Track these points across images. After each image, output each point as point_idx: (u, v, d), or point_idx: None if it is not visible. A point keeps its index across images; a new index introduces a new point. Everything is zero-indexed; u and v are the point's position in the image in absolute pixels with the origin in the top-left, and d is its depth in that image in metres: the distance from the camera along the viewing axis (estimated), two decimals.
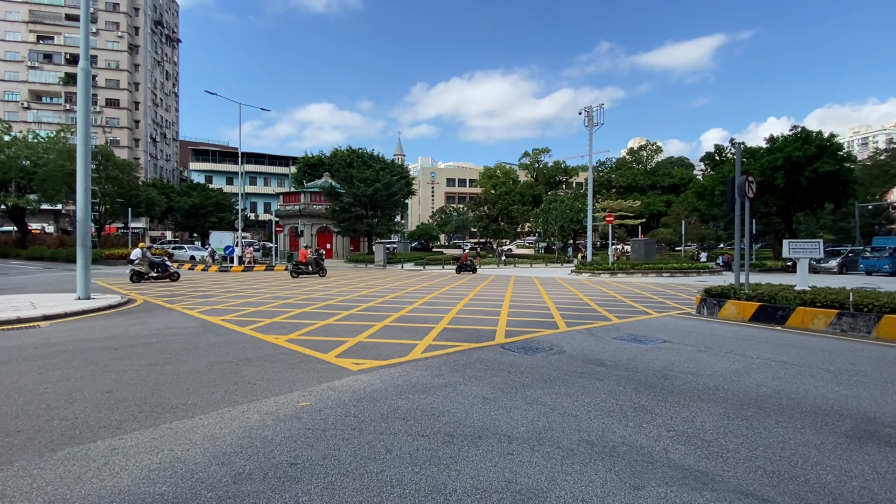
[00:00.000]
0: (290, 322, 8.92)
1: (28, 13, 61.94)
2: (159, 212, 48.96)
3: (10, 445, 3.37)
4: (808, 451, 3.37)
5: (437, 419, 3.92)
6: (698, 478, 2.97)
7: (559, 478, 2.96)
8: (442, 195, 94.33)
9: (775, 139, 32.36)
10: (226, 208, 56.01)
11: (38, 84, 61.73)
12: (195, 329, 8.21)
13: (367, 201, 38.03)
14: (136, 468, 3.04)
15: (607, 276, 24.03)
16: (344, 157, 54.91)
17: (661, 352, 6.57)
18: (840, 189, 30.09)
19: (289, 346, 6.76)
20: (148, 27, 68.92)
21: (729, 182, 10.73)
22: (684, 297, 13.89)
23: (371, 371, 5.43)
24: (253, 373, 5.36)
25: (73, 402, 4.31)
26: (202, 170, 76.08)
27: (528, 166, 70.18)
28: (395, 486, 2.83)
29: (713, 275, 25.20)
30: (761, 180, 27.53)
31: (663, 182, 64.67)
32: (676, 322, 9.33)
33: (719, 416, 4.04)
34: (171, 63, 79.59)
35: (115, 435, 3.57)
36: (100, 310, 10.42)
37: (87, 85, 11.44)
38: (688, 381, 5.10)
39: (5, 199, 34.28)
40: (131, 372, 5.37)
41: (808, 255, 10.88)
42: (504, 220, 61.76)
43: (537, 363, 5.86)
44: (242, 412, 4.08)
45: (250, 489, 2.79)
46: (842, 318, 8.20)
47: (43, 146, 34.55)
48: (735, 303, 9.76)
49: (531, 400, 4.43)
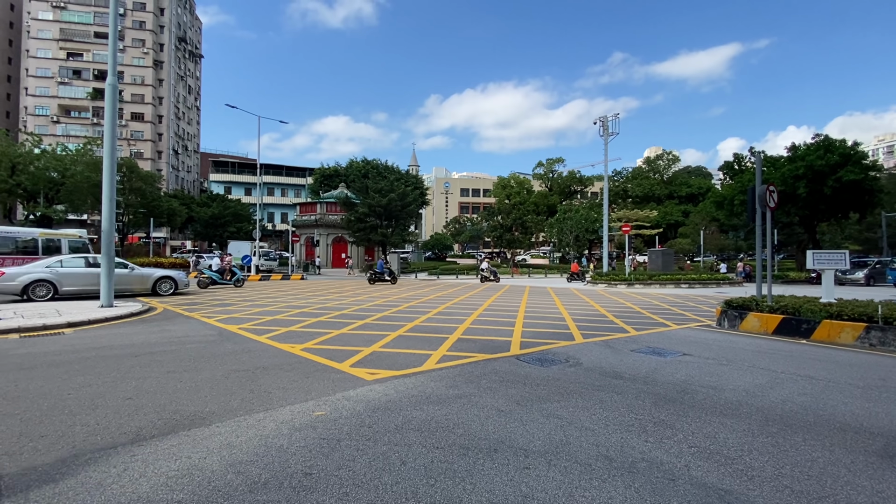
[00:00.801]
0: (306, 331, 8.98)
1: (59, 31, 64.64)
2: (180, 222, 50.13)
3: (33, 450, 3.44)
4: (838, 469, 3.24)
5: (452, 431, 3.88)
6: (722, 496, 2.87)
7: (577, 493, 2.89)
8: (456, 205, 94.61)
9: (797, 147, 31.73)
10: (244, 218, 57.10)
11: (67, 99, 64.15)
12: (213, 337, 8.32)
13: (381, 211, 38.35)
14: (155, 475, 3.07)
15: (624, 286, 23.68)
16: (359, 168, 55.65)
17: (681, 365, 6.42)
18: (865, 198, 29.29)
19: (304, 355, 6.80)
20: (172, 44, 71.27)
21: (749, 191, 10.52)
22: (704, 309, 13.59)
23: (386, 381, 5.42)
24: (269, 381, 5.40)
25: (95, 409, 4.39)
26: (222, 181, 77.81)
27: (543, 176, 70.01)
28: (409, 499, 2.80)
29: (734, 286, 24.64)
30: (783, 189, 26.95)
31: (681, 192, 63.87)
32: (696, 334, 9.13)
33: (743, 433, 3.92)
34: (193, 78, 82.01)
35: (134, 441, 3.62)
36: (122, 317, 10.65)
37: (113, 100, 11.84)
38: (709, 396, 4.97)
39: (34, 209, 35.46)
40: (151, 379, 5.46)
41: (834, 267, 10.57)
42: (518, 230, 61.54)
43: (553, 375, 5.78)
44: (258, 421, 4.10)
45: (266, 498, 2.79)
46: (870, 331, 7.92)
47: (70, 158, 35.73)
48: (757, 315, 9.51)
49: (547, 413, 4.37)
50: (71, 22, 65.28)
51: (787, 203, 29.04)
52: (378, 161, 57.63)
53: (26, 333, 8.55)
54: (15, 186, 34.09)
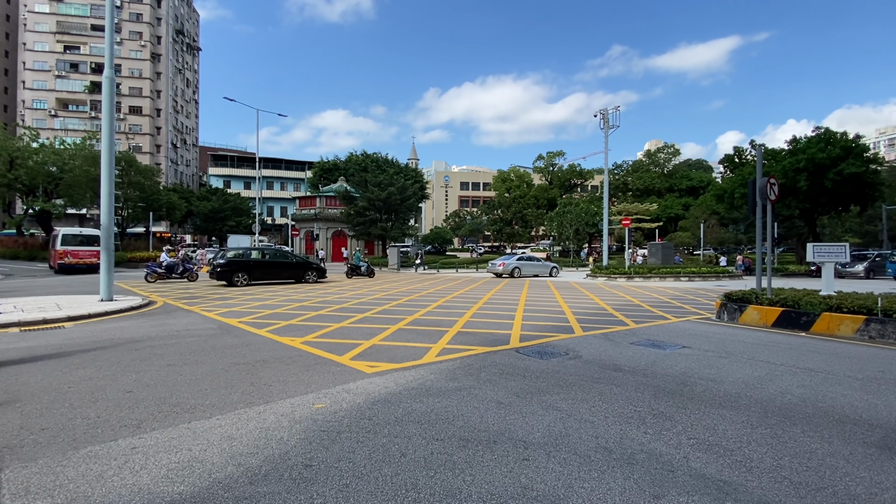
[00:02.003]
0: (306, 324, 8.99)
1: (56, 24, 64.11)
2: (179, 216, 50.06)
3: (34, 443, 3.45)
4: (837, 461, 3.25)
5: (452, 423, 3.90)
6: (721, 487, 2.88)
7: (576, 485, 2.90)
8: (456, 199, 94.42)
9: (798, 140, 31.57)
10: (243, 212, 57.02)
11: (64, 92, 63.77)
12: (213, 331, 8.33)
13: (381, 205, 38.29)
14: (156, 467, 3.08)
15: (624, 280, 23.69)
16: (359, 162, 55.49)
17: (681, 357, 6.43)
18: (866, 191, 29.19)
19: (304, 349, 6.81)
20: (170, 36, 70.74)
21: (750, 184, 10.49)
22: (703, 302, 13.61)
23: (385, 374, 5.43)
24: (269, 374, 5.41)
25: (96, 402, 4.40)
26: (221, 175, 77.62)
27: (543, 169, 69.80)
28: (409, 490, 2.81)
29: (733, 279, 24.65)
30: (783, 182, 26.86)
31: (681, 185, 63.73)
32: (696, 327, 9.14)
33: (742, 424, 3.93)
34: (191, 71, 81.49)
35: (135, 434, 3.64)
36: (122, 311, 10.66)
37: (111, 93, 11.77)
38: (708, 388, 4.98)
39: (33, 203, 35.40)
40: (151, 372, 5.47)
41: (834, 260, 10.57)
42: (518, 223, 61.50)
43: (553, 368, 5.79)
44: (259, 413, 4.11)
45: (266, 490, 2.80)
46: (870, 324, 7.93)
47: (69, 152, 35.62)
48: (757, 308, 9.52)
49: (547, 405, 4.38)
50: (68, 14, 64.74)
51: (787, 196, 28.94)
52: (378, 154, 57.48)
53: (26, 327, 8.56)
54: (13, 181, 34.02)
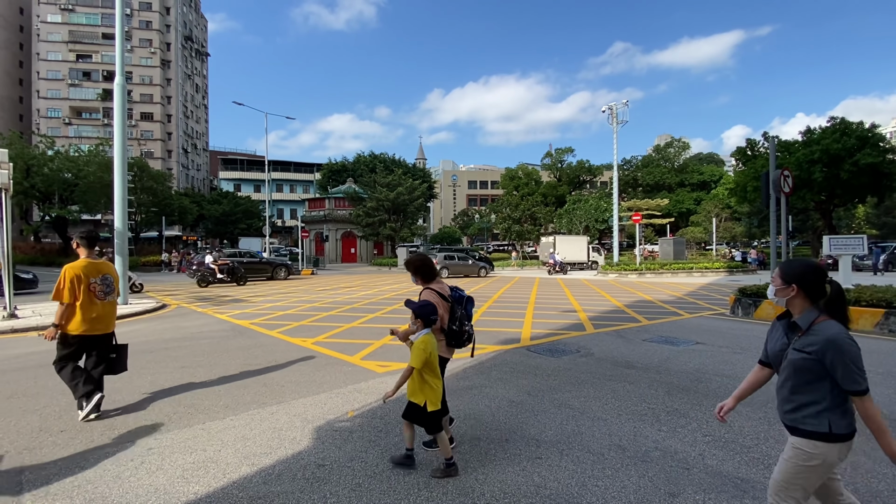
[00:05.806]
0: (317, 325, 9.04)
1: (68, 33, 65.29)
2: (191, 219, 50.70)
3: (53, 445, 3.52)
4: (857, 458, 3.18)
5: (464, 422, 3.88)
6: (738, 485, 2.84)
7: (590, 483, 2.87)
8: (464, 198, 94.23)
9: (812, 131, 31.00)
10: (254, 215, 57.51)
11: (77, 101, 64.92)
12: (226, 332, 8.42)
13: (389, 206, 38.39)
14: (171, 467, 3.12)
15: (635, 276, 23.47)
16: (366, 163, 55.65)
17: (694, 354, 6.35)
18: (884, 182, 28.58)
19: (316, 349, 6.85)
20: (179, 43, 71.63)
21: (763, 177, 10.31)
22: (717, 298, 13.42)
23: (396, 373, 5.43)
24: (281, 375, 5.45)
25: (112, 404, 4.46)
26: (231, 178, 78.38)
27: (551, 166, 69.27)
28: (422, 489, 2.81)
29: (747, 274, 24.29)
30: (797, 174, 26.39)
31: (692, 179, 62.89)
32: (709, 323, 9.02)
33: (759, 421, 3.86)
34: (200, 76, 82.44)
35: (150, 435, 3.68)
36: (136, 314, 10.81)
37: (122, 100, 11.95)
38: (723, 384, 4.90)
39: (49, 210, 36.10)
40: (166, 374, 5.54)
41: (851, 252, 10.36)
42: (527, 221, 61.17)
43: (564, 365, 5.75)
44: (271, 413, 4.14)
45: (280, 489, 2.82)
46: (889, 317, 7.75)
47: (83, 159, 36.24)
48: (772, 302, 9.35)
49: (559, 403, 4.35)
50: (79, 24, 65.87)
51: (801, 188, 28.42)
52: (385, 155, 57.60)
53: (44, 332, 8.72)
54: (30, 188, 34.69)
